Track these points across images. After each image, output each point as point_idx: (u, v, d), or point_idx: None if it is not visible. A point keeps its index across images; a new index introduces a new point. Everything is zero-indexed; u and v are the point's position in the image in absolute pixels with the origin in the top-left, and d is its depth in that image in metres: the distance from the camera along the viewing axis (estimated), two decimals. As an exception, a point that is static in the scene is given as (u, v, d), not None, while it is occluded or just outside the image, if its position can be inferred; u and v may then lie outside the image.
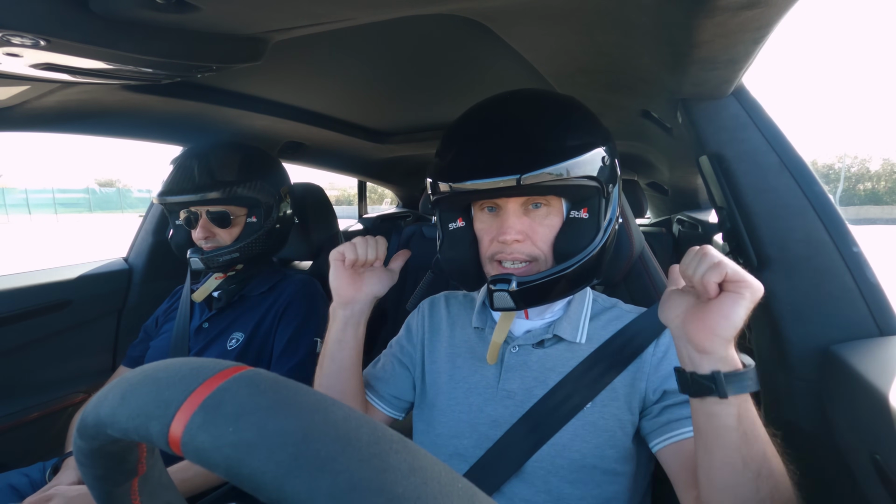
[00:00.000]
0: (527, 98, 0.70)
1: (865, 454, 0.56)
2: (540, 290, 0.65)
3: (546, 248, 0.68)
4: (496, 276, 0.66)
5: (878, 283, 0.69)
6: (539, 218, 0.68)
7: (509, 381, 0.72)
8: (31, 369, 1.30)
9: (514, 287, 0.64)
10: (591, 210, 0.67)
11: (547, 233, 0.68)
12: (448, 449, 0.73)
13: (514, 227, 0.66)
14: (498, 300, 0.65)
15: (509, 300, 0.65)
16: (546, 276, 0.65)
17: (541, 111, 0.67)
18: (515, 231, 0.66)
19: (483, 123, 0.68)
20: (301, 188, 1.39)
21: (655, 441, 0.65)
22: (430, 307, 0.88)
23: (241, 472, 0.21)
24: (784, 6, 0.51)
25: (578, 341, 0.72)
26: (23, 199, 29.15)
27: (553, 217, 0.68)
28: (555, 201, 0.68)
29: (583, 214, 0.67)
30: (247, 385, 0.25)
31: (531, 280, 0.65)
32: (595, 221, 0.67)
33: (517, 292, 0.65)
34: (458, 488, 0.22)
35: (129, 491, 0.33)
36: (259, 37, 0.75)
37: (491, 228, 0.70)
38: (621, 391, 0.68)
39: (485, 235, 0.71)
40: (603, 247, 0.68)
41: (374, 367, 0.89)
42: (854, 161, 31.92)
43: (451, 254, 0.74)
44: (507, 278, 0.65)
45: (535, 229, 0.68)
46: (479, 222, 0.72)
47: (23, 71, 0.69)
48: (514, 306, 0.65)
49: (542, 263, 0.69)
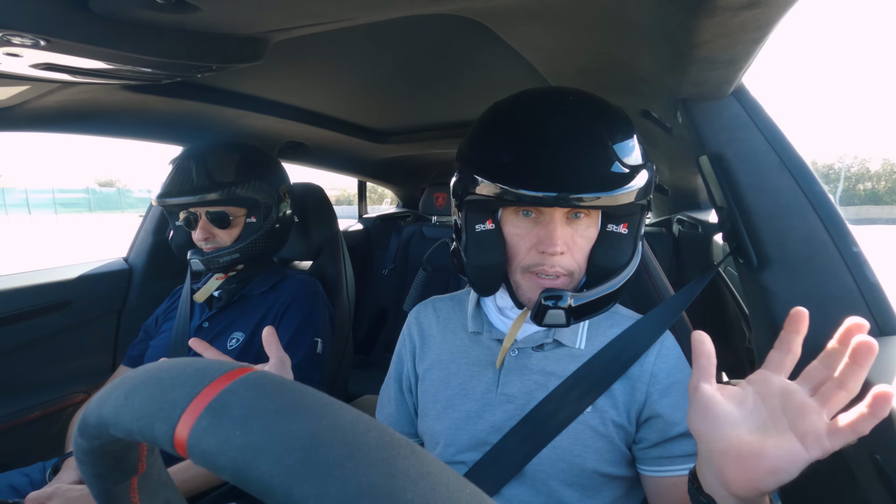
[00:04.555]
0: (590, 102, 0.66)
1: (865, 454, 0.56)
2: (592, 306, 0.64)
3: (582, 262, 0.67)
4: (550, 293, 0.63)
5: (878, 283, 0.69)
6: (580, 229, 0.66)
7: (509, 385, 0.71)
8: (31, 369, 1.29)
9: (572, 304, 0.62)
10: (631, 225, 0.66)
11: (585, 245, 0.66)
12: (446, 456, 0.72)
13: (561, 238, 0.63)
14: (550, 317, 0.62)
15: (562, 317, 0.62)
16: (599, 293, 0.64)
17: (610, 121, 0.64)
18: (562, 242, 0.63)
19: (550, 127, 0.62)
20: (301, 188, 1.39)
21: (643, 467, 0.66)
22: (417, 316, 0.85)
23: (249, 475, 0.21)
24: (784, 6, 0.51)
25: (578, 346, 0.71)
26: (23, 199, 29.11)
27: (591, 229, 0.67)
28: (594, 212, 0.66)
29: (622, 229, 0.66)
30: (253, 387, 0.25)
31: (586, 299, 0.63)
32: (633, 237, 0.67)
33: (573, 309, 0.62)
34: (466, 494, 0.22)
35: (129, 489, 0.33)
36: (259, 37, 0.74)
37: (530, 236, 0.65)
38: (620, 398, 0.67)
39: (521, 242, 0.66)
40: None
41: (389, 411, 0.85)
42: (854, 161, 31.97)
43: (480, 259, 0.67)
44: (560, 294, 0.62)
45: (575, 241, 0.65)
46: (512, 227, 0.67)
47: (23, 71, 0.69)
48: (566, 324, 0.63)
49: (576, 277, 0.67)
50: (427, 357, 0.80)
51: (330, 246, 1.41)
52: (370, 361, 2.30)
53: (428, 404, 0.77)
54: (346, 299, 1.36)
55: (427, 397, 0.77)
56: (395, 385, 0.84)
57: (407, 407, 0.83)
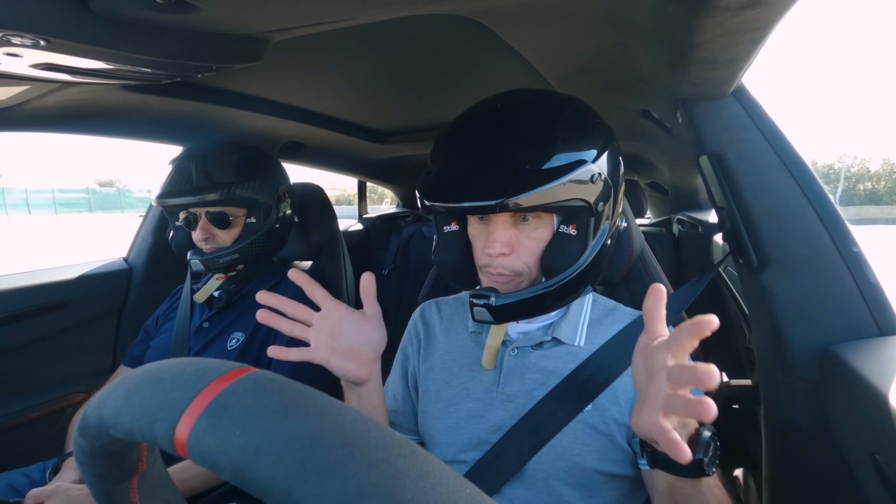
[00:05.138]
0: (517, 106, 0.67)
1: (865, 454, 0.56)
2: (520, 306, 0.66)
3: (532, 262, 0.68)
4: (476, 292, 0.67)
5: (878, 283, 0.69)
6: (527, 230, 0.67)
7: (509, 385, 0.71)
8: (31, 369, 1.29)
9: (493, 303, 0.65)
10: (578, 227, 0.66)
11: (534, 246, 0.68)
12: (447, 455, 0.72)
13: (499, 240, 0.66)
14: (478, 314, 0.67)
15: (488, 315, 0.66)
16: (525, 295, 0.66)
17: (530, 123, 0.65)
18: (501, 244, 0.66)
19: (469, 138, 0.66)
20: (301, 188, 1.39)
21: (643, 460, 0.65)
22: (422, 316, 0.87)
23: (249, 475, 0.21)
24: (784, 6, 0.51)
25: (577, 344, 0.72)
26: (23, 199, 29.12)
27: (542, 230, 0.68)
28: (544, 215, 0.67)
29: (570, 231, 0.67)
30: (253, 387, 0.25)
31: (509, 299, 0.65)
32: (582, 239, 0.66)
33: (495, 308, 0.65)
34: (465, 494, 0.22)
35: (129, 489, 0.33)
36: (259, 37, 0.74)
37: (482, 236, 0.70)
38: (622, 396, 0.67)
39: (476, 242, 0.71)
40: (590, 264, 0.67)
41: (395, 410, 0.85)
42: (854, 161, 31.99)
43: (444, 257, 0.75)
44: (487, 294, 0.66)
45: (521, 242, 0.67)
46: (471, 228, 0.72)
47: (23, 71, 0.69)
48: (494, 320, 0.67)
49: (527, 277, 0.69)
50: (431, 356, 0.81)
51: (330, 246, 1.41)
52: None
53: (430, 403, 0.77)
54: (346, 299, 1.36)
55: (429, 396, 0.77)
56: (401, 382, 0.84)
57: (412, 404, 0.83)
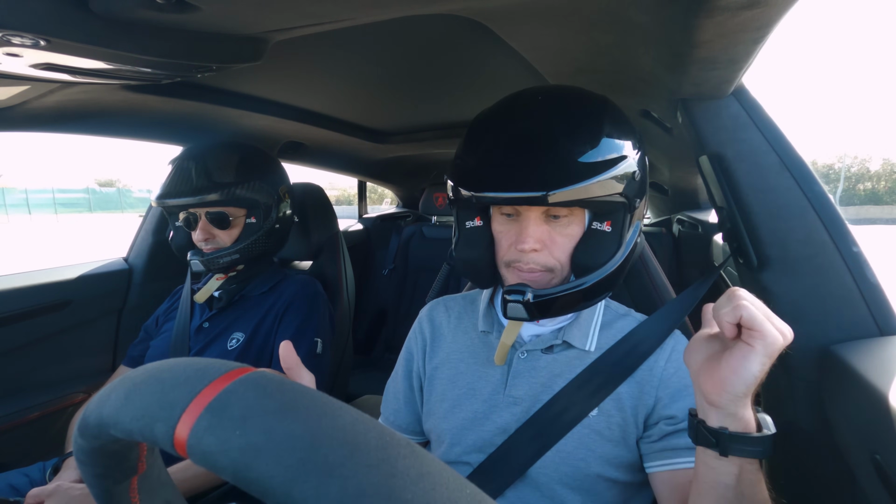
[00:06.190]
0: (556, 101, 0.67)
1: (865, 454, 0.56)
2: (555, 303, 0.65)
3: (564, 259, 0.67)
4: (511, 287, 0.65)
5: (878, 283, 0.69)
6: (559, 228, 0.66)
7: (516, 388, 0.70)
8: (31, 369, 1.29)
9: (530, 299, 0.63)
10: (614, 223, 0.66)
11: (566, 243, 0.67)
12: (451, 456, 0.72)
13: (532, 235, 0.65)
14: (511, 310, 0.65)
15: (523, 311, 0.64)
16: (562, 290, 0.64)
17: (571, 119, 0.64)
18: (534, 240, 0.65)
19: (510, 130, 0.65)
20: (301, 188, 1.39)
21: (650, 464, 0.65)
22: (430, 314, 0.86)
23: (248, 476, 0.21)
24: (784, 6, 0.51)
25: (588, 349, 0.71)
26: (23, 199, 29.10)
27: (574, 227, 0.67)
28: (577, 211, 0.66)
29: (605, 227, 0.66)
30: (253, 387, 0.25)
31: (547, 294, 0.64)
32: (617, 235, 0.66)
33: (532, 304, 0.64)
34: (465, 494, 0.22)
35: (129, 489, 0.33)
36: (259, 37, 0.74)
37: (510, 233, 0.68)
38: (628, 402, 0.67)
39: (503, 239, 0.69)
40: (624, 261, 0.66)
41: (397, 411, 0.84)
42: (854, 161, 32.01)
43: (466, 253, 0.72)
44: (522, 289, 0.64)
45: (554, 239, 0.66)
46: (497, 224, 0.70)
47: (23, 71, 0.69)
48: (528, 317, 0.65)
49: (559, 274, 0.67)
50: (437, 355, 0.80)
51: (330, 246, 1.41)
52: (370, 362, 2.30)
53: (435, 403, 0.76)
54: (346, 299, 1.36)
55: (435, 395, 0.77)
56: (404, 382, 0.83)
57: (415, 404, 0.82)
